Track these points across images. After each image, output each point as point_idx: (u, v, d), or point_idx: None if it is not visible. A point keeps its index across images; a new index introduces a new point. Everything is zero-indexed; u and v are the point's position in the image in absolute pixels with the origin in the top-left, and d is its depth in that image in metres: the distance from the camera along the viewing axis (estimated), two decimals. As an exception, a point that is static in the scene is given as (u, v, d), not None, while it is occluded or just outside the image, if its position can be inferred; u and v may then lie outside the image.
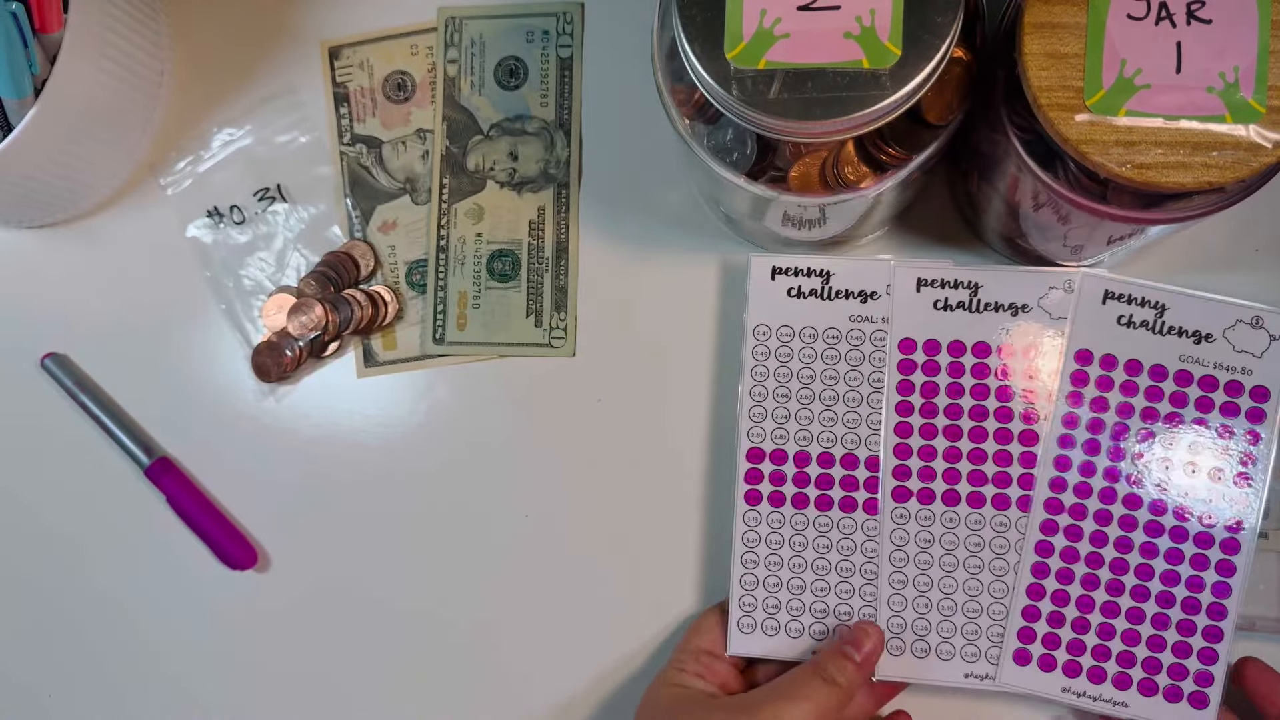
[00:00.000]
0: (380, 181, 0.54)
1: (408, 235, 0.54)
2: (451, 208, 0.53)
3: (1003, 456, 0.47)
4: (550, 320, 0.52)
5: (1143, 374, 0.46)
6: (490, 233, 0.52)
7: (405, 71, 0.54)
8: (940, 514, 0.47)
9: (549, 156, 0.52)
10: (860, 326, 0.48)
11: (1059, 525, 0.46)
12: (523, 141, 0.52)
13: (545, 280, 0.52)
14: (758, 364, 0.48)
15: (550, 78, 0.53)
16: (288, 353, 0.53)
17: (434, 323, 0.53)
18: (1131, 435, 0.46)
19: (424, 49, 0.54)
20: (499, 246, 0.52)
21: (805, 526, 0.48)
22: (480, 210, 0.52)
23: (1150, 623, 0.46)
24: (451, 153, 0.53)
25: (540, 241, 0.52)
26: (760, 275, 0.48)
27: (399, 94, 0.54)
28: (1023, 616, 0.46)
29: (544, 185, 0.53)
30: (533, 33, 0.53)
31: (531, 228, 0.52)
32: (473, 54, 0.53)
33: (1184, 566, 0.45)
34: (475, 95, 0.53)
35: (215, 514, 0.54)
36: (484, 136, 0.53)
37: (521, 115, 0.53)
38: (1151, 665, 0.45)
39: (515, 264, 0.52)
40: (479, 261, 0.53)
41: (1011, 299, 0.47)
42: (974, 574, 0.47)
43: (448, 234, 0.53)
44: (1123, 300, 0.46)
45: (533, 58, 0.53)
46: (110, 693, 0.55)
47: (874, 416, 0.48)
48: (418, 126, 0.54)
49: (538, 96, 0.53)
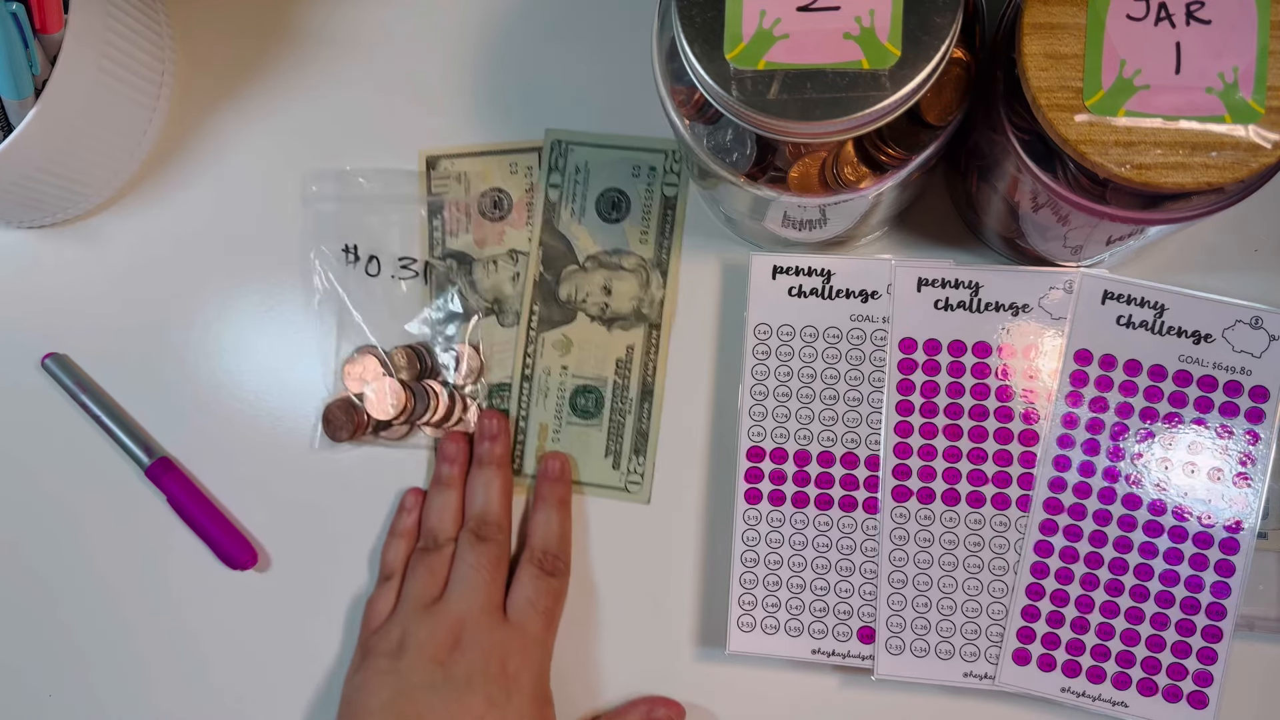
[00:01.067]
0: (468, 300, 0.53)
1: (492, 357, 0.53)
2: (540, 336, 0.52)
3: (1003, 456, 0.47)
4: (629, 464, 0.51)
5: (1142, 374, 0.46)
6: (577, 367, 0.52)
7: (503, 189, 0.53)
8: (940, 513, 0.47)
9: (643, 295, 0.51)
10: (861, 326, 0.48)
11: (1058, 525, 0.46)
12: (618, 276, 0.51)
13: (627, 422, 0.51)
14: (758, 363, 0.49)
15: (653, 215, 0.52)
16: (363, 416, 0.52)
17: (513, 453, 0.52)
18: (1131, 435, 0.46)
19: (524, 168, 0.53)
20: (584, 382, 0.52)
21: (805, 525, 0.48)
22: (568, 342, 0.52)
23: (1149, 622, 0.46)
24: (545, 280, 0.52)
25: (626, 381, 0.52)
26: (761, 274, 0.49)
27: (495, 211, 0.53)
28: (1022, 616, 0.47)
29: (635, 324, 0.52)
30: (639, 167, 0.52)
31: (619, 366, 0.51)
32: (576, 181, 0.52)
33: (1183, 566, 0.45)
34: (574, 223, 0.52)
35: (215, 514, 0.54)
36: (579, 267, 0.52)
37: (619, 249, 0.52)
38: (1151, 665, 0.46)
39: (599, 401, 0.52)
40: (562, 395, 0.52)
41: (1012, 299, 0.47)
42: (973, 574, 0.47)
43: (534, 363, 0.52)
44: (1122, 300, 0.46)
45: (636, 192, 0.52)
46: (110, 693, 0.55)
47: (874, 416, 0.48)
48: (511, 247, 0.53)
49: (638, 232, 0.52)
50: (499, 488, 0.51)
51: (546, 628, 0.48)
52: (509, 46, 0.54)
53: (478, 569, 0.48)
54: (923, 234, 0.50)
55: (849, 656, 0.48)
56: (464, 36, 0.54)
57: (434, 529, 0.50)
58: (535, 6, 0.54)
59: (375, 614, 0.50)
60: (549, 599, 0.49)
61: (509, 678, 0.46)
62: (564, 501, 0.51)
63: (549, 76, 0.53)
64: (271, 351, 0.55)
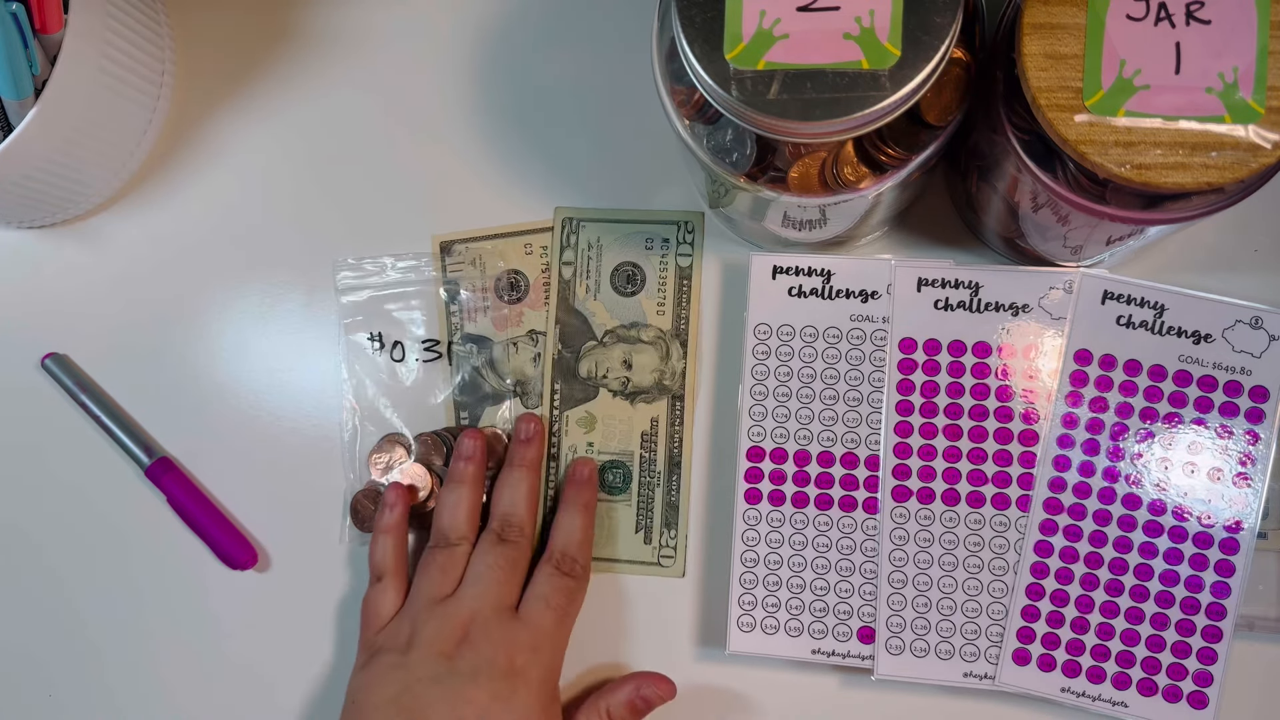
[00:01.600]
0: (489, 383, 0.53)
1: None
2: (563, 415, 0.52)
3: (1002, 456, 0.47)
4: (660, 538, 0.51)
5: (1142, 374, 0.46)
6: (602, 443, 0.52)
7: (519, 271, 0.52)
8: (940, 513, 0.47)
9: (664, 367, 0.51)
10: (861, 326, 0.48)
11: (1058, 525, 0.46)
12: (637, 350, 0.51)
13: (656, 495, 0.51)
14: (758, 363, 0.49)
15: (668, 286, 0.51)
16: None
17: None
18: (1130, 435, 0.46)
19: (538, 248, 0.53)
20: (611, 457, 0.51)
21: (805, 525, 0.48)
22: (592, 419, 0.52)
23: (1149, 622, 0.46)
24: (564, 358, 0.52)
25: (653, 455, 0.51)
26: (761, 274, 0.49)
27: (512, 294, 0.52)
28: (1022, 616, 0.47)
29: (658, 396, 0.51)
30: (652, 240, 0.52)
31: (644, 440, 0.51)
32: (589, 257, 0.52)
33: (1183, 566, 0.45)
34: (590, 299, 0.52)
35: (215, 514, 0.54)
36: (598, 343, 0.52)
37: (637, 323, 0.52)
38: (1151, 665, 0.46)
39: (626, 477, 0.51)
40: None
41: (1012, 299, 0.47)
42: (973, 573, 0.47)
43: (559, 442, 0.52)
44: (1122, 300, 0.46)
45: (651, 265, 0.52)
46: (110, 692, 0.55)
47: (874, 416, 0.48)
48: (530, 328, 0.53)
49: (654, 304, 0.52)
50: (526, 491, 0.50)
51: (558, 625, 0.48)
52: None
53: (494, 568, 0.48)
54: (923, 234, 0.50)
55: (849, 656, 0.48)
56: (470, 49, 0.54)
57: (446, 527, 0.50)
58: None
59: (376, 613, 0.49)
60: (563, 597, 0.48)
61: (516, 672, 0.46)
62: (589, 506, 0.50)
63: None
64: (272, 351, 0.55)
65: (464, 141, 0.54)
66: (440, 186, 0.54)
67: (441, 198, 0.54)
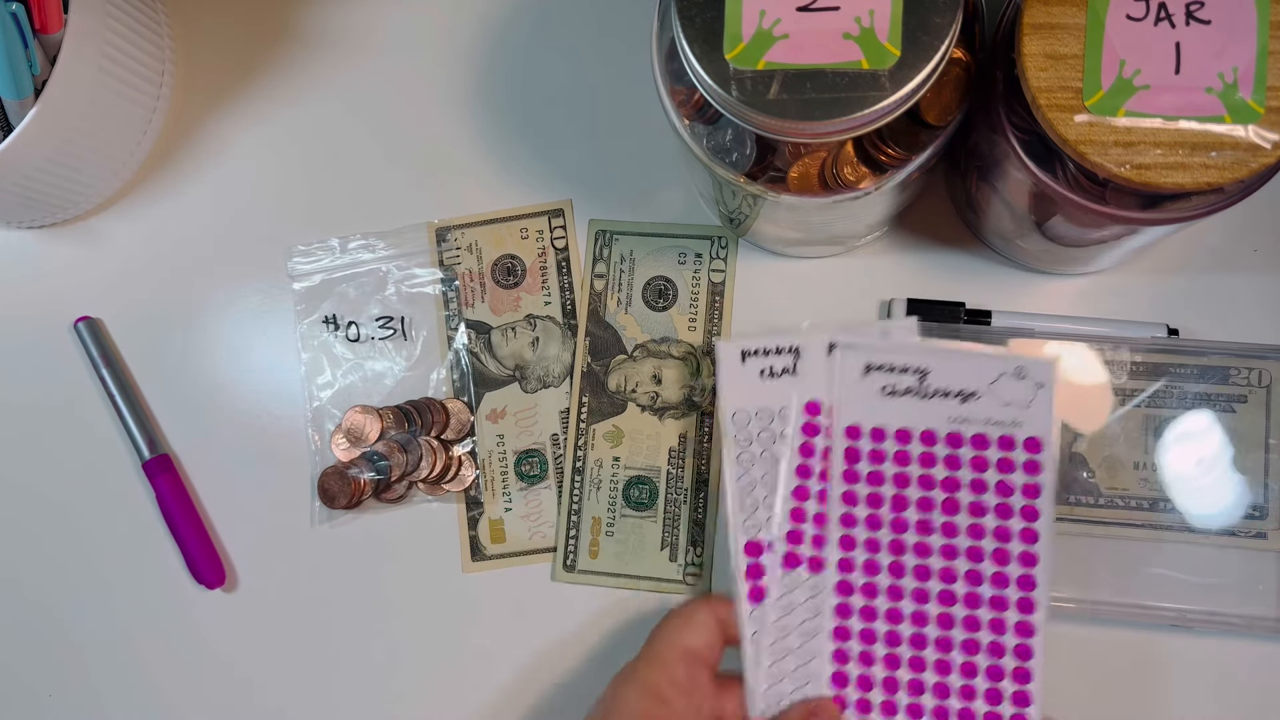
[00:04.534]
0: (489, 368, 0.52)
1: (517, 424, 0.52)
2: (590, 428, 0.51)
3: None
4: (686, 556, 0.51)
5: (913, 441, 0.45)
6: (629, 458, 0.51)
7: (515, 256, 0.52)
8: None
9: (693, 383, 0.50)
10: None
11: (852, 608, 0.45)
12: (667, 365, 0.51)
13: (682, 512, 0.51)
14: (742, 451, 0.46)
15: (700, 302, 0.51)
16: (359, 479, 0.51)
17: (565, 549, 0.51)
18: (912, 506, 0.44)
19: (534, 233, 0.53)
20: (637, 473, 0.51)
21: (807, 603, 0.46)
22: (619, 433, 0.51)
23: (958, 694, 0.44)
24: (593, 370, 0.52)
25: (680, 471, 0.51)
26: (730, 360, 0.46)
27: (508, 279, 0.52)
28: (833, 683, 0.44)
29: (687, 412, 0.51)
30: (685, 254, 0.51)
31: (671, 455, 0.51)
32: (621, 270, 0.51)
33: (980, 656, 0.43)
34: (621, 313, 0.52)
35: (198, 527, 0.53)
36: (628, 357, 0.51)
37: (668, 338, 0.51)
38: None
39: (653, 493, 0.51)
40: (615, 487, 0.51)
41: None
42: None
43: (585, 455, 0.51)
44: (884, 370, 0.45)
45: (683, 279, 0.51)
46: (111, 692, 0.55)
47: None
48: (528, 312, 0.52)
49: (685, 320, 0.51)
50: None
51: None
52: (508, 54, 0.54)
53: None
54: (922, 234, 0.50)
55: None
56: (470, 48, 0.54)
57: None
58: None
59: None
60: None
61: None
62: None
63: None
64: (270, 352, 0.55)
65: (464, 142, 0.54)
66: (441, 187, 0.54)
67: (443, 198, 0.54)
